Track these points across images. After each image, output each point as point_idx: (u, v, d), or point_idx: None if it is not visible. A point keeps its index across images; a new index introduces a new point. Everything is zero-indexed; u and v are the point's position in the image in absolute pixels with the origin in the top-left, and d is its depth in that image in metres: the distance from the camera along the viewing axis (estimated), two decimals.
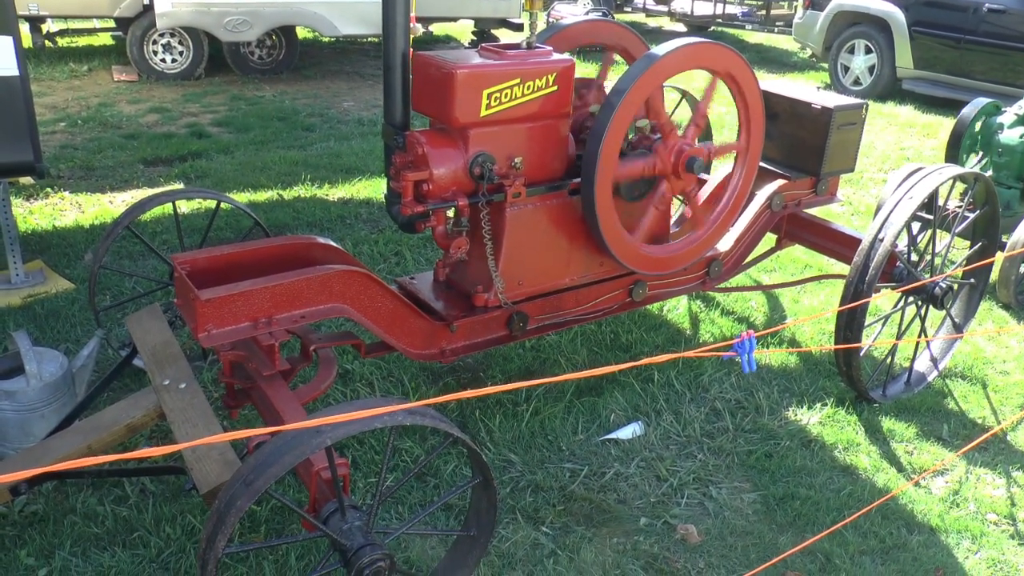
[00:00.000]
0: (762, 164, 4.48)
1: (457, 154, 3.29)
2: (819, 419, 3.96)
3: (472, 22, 12.23)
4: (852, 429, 3.93)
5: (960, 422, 4.11)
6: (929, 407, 4.21)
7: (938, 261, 4.18)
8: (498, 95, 3.25)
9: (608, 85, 3.70)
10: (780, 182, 4.40)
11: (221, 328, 2.97)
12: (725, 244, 4.27)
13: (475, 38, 12.29)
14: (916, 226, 5.61)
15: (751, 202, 4.36)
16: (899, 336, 4.18)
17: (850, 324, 3.83)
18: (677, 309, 4.87)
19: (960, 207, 4.40)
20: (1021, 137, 5.60)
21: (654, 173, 3.62)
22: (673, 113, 5.89)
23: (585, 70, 11.17)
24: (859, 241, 4.09)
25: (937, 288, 4.07)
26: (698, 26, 14.67)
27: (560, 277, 3.69)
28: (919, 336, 4.29)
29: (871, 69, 11.04)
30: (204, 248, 3.51)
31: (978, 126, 5.89)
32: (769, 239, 4.67)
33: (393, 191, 3.36)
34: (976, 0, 9.84)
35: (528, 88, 3.31)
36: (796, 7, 12.74)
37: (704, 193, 4.04)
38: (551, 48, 3.46)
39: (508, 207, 3.39)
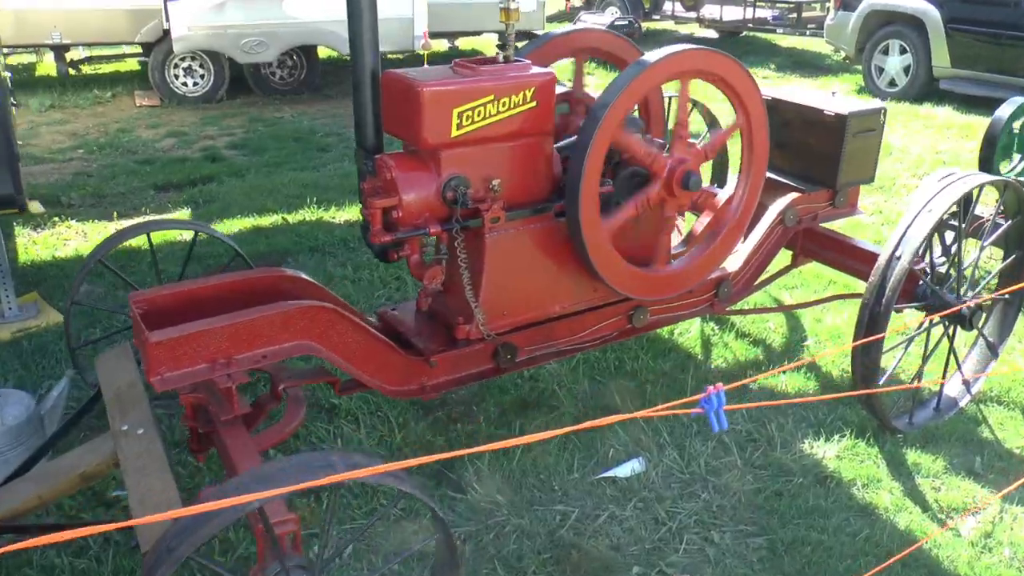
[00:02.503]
0: (774, 176, 4.22)
1: (428, 178, 3.07)
2: (837, 452, 3.66)
3: (496, 36, 12.02)
4: (873, 463, 3.63)
5: (995, 452, 3.79)
6: (960, 436, 3.89)
7: (970, 275, 3.87)
8: (470, 114, 3.02)
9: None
10: (793, 195, 4.11)
11: (176, 371, 2.77)
12: (734, 263, 4.00)
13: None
14: (950, 236, 5.30)
15: (762, 217, 4.08)
16: (925, 359, 3.87)
17: (867, 350, 3.53)
18: (688, 332, 4.59)
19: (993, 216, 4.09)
20: None
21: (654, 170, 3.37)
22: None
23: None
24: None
25: (965, 308, 3.75)
26: (729, 31, 14.33)
27: (549, 305, 3.45)
28: (948, 358, 3.97)
29: (906, 70, 10.63)
30: (164, 284, 3.32)
31: (1016, 126, 5.56)
32: (785, 256, 4.38)
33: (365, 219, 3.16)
34: None
35: (504, 105, 3.08)
36: (828, 8, 12.36)
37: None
38: (530, 62, 3.23)
39: (487, 233, 3.16)
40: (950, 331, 3.90)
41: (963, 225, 3.79)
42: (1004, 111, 5.50)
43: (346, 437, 3.69)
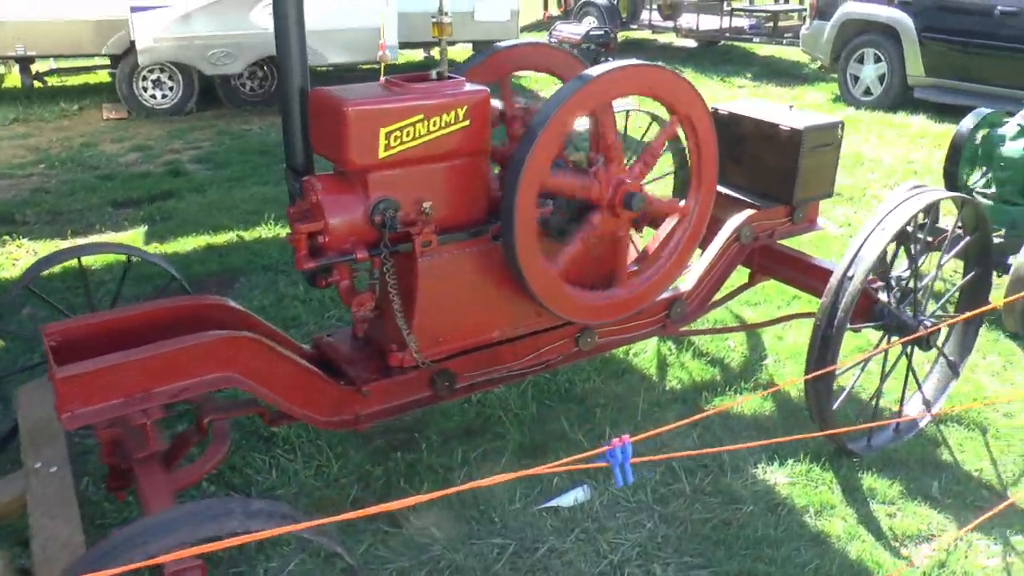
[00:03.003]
0: (730, 193, 4.11)
1: (356, 201, 2.94)
2: (790, 477, 3.55)
3: (470, 45, 11.93)
4: (827, 488, 3.51)
5: (953, 476, 3.68)
6: (919, 459, 3.78)
7: (928, 292, 3.77)
8: (398, 134, 2.90)
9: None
10: (749, 212, 4.00)
11: (88, 407, 2.64)
12: (687, 283, 3.88)
13: None
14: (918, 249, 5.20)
15: (716, 235, 3.97)
16: (882, 380, 3.76)
17: (820, 371, 3.42)
18: (644, 352, 4.47)
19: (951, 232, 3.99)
20: None
21: (592, 197, 3.24)
22: (643, 138, 5.58)
23: None
24: None
25: (922, 327, 3.64)
26: (707, 41, 14.25)
27: (488, 331, 3.32)
28: (906, 378, 3.87)
29: (881, 78, 10.56)
30: (80, 316, 3.18)
31: (979, 138, 5.47)
32: (743, 273, 4.28)
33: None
34: (988, 2, 9.36)
35: (434, 124, 2.96)
36: (804, 18, 12.31)
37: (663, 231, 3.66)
38: (463, 79, 3.11)
39: (419, 257, 3.03)
40: (908, 351, 3.79)
41: (918, 244, 3.69)
42: (967, 123, 5.41)
43: (282, 467, 3.55)
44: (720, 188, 4.15)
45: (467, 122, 3.01)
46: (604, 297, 3.37)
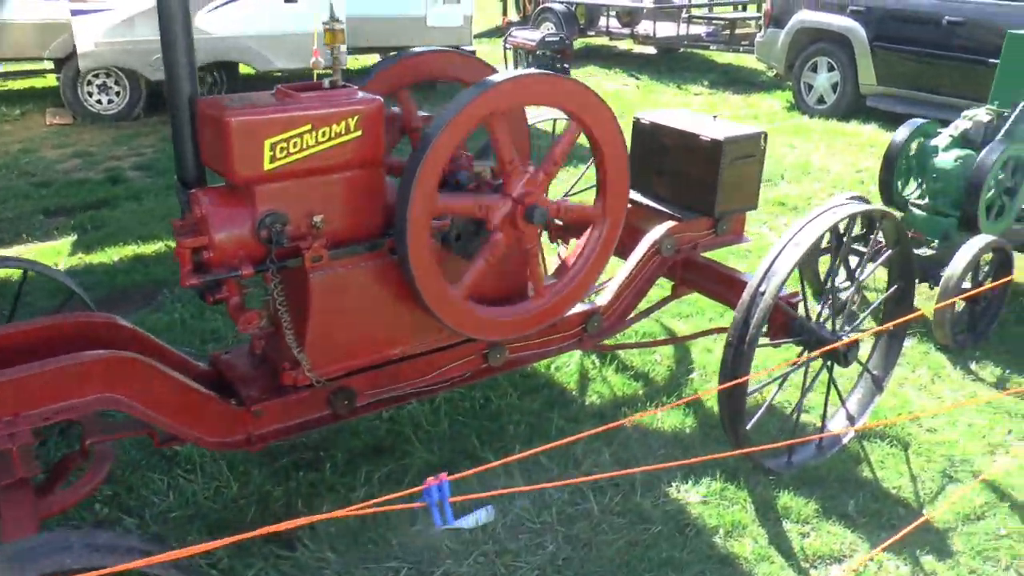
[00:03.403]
0: (652, 204, 4.04)
1: (242, 215, 2.83)
2: (703, 496, 3.47)
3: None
4: (741, 508, 3.44)
5: (871, 494, 3.61)
6: (839, 476, 3.72)
7: (847, 307, 3.71)
8: (285, 145, 2.79)
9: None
10: (670, 224, 3.92)
11: None
12: (604, 297, 3.80)
13: None
14: (855, 260, 5.16)
15: (636, 247, 3.89)
16: (802, 395, 3.69)
17: (732, 391, 3.35)
18: (567, 366, 4.38)
19: (871, 247, 3.94)
20: (957, 160, 5.12)
21: (489, 216, 3.14)
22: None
23: None
24: None
25: (840, 343, 3.58)
26: (665, 48, 14.23)
27: (388, 347, 3.22)
28: (827, 394, 3.81)
29: (835, 87, 10.56)
30: None
31: (913, 149, 5.44)
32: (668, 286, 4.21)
33: None
34: (935, 12, 9.37)
35: (323, 135, 2.85)
36: (760, 25, 12.30)
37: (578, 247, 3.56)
38: (355, 88, 3.01)
39: (311, 273, 2.93)
40: (829, 366, 3.73)
41: (836, 259, 3.63)
42: (901, 134, 5.38)
43: (180, 488, 3.43)
44: (642, 199, 4.09)
45: (359, 132, 2.90)
46: (509, 312, 3.28)
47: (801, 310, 3.69)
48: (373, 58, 12.93)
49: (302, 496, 3.39)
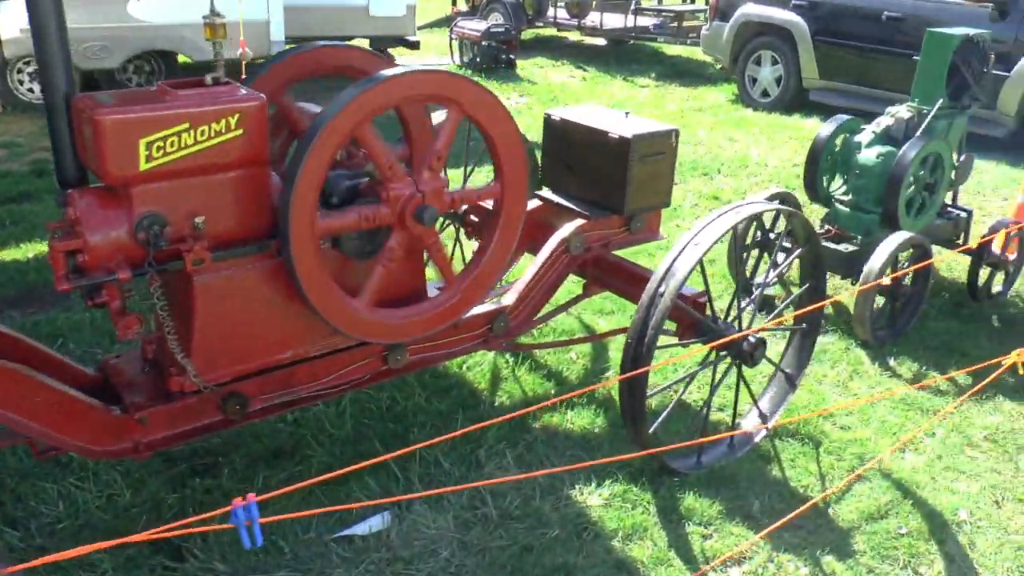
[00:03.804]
0: (563, 202, 3.99)
1: (119, 216, 2.74)
2: (606, 499, 3.44)
3: (368, 41, 11.69)
4: (643, 510, 3.41)
5: (777, 494, 3.61)
6: (747, 475, 3.70)
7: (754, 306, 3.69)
8: (161, 144, 2.70)
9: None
10: (579, 222, 3.88)
11: None
12: (511, 297, 3.75)
13: None
14: (782, 256, 5.16)
15: (544, 246, 3.84)
16: (711, 394, 3.67)
17: (632, 391, 3.32)
18: (480, 365, 4.33)
19: (778, 245, 3.93)
20: (879, 157, 5.13)
21: (378, 224, 3.08)
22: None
23: None
24: None
25: (745, 343, 3.56)
26: (614, 40, 14.19)
27: (279, 351, 3.14)
28: (736, 393, 3.79)
29: (778, 80, 10.60)
30: None
31: (838, 145, 5.44)
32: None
33: None
34: (875, 8, 9.43)
35: (202, 134, 2.76)
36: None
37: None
38: (238, 85, 2.93)
39: (195, 276, 2.85)
40: (737, 365, 3.71)
41: (739, 257, 3.61)
42: (825, 130, 5.39)
43: (71, 497, 3.33)
44: (554, 197, 4.05)
45: (240, 131, 2.81)
46: (403, 314, 3.22)
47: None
48: None
49: (196, 503, 3.31)
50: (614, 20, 13.38)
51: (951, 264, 6.03)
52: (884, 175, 5.08)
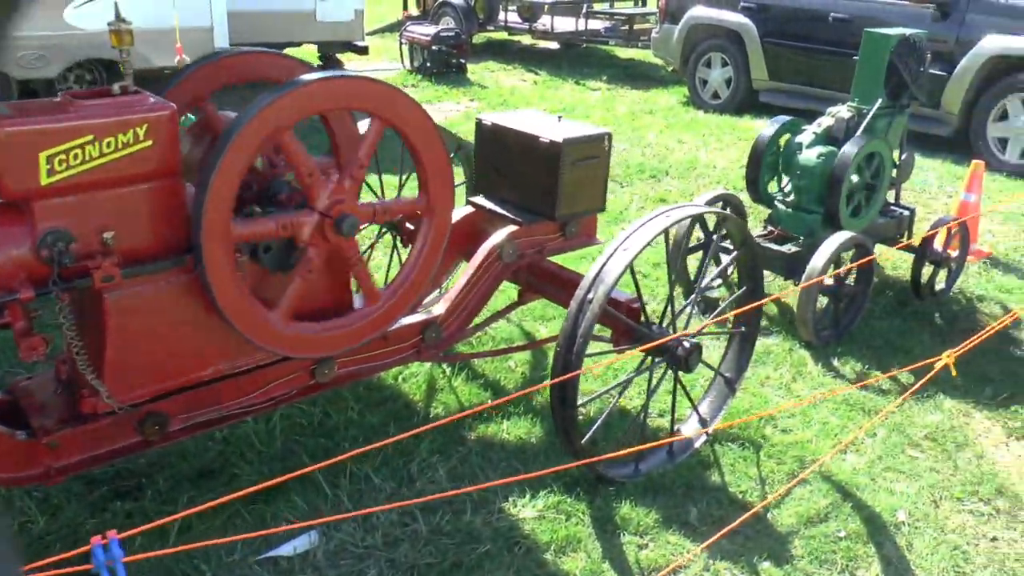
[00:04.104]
0: (496, 209, 3.93)
1: (20, 233, 2.63)
2: (540, 510, 3.37)
3: (316, 47, 11.58)
4: (577, 521, 3.35)
5: (716, 500, 3.56)
6: (685, 482, 3.66)
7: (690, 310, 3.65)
8: (64, 157, 2.60)
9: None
10: (511, 228, 3.82)
11: None
12: (442, 306, 3.68)
13: (321, 63, 11.64)
14: (726, 258, 5.12)
15: (475, 253, 3.78)
16: (647, 398, 3.62)
17: (563, 400, 3.26)
18: (416, 376, 4.25)
19: (712, 247, 3.89)
20: (819, 158, 5.12)
21: (292, 234, 2.99)
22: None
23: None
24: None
25: (680, 348, 3.52)
26: (565, 43, 14.17)
27: (199, 368, 3.05)
28: (674, 399, 3.75)
29: (728, 82, 10.62)
30: None
31: (780, 146, 5.43)
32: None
33: None
34: (822, 9, 9.48)
35: (108, 146, 2.66)
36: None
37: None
38: (148, 94, 2.83)
39: (106, 294, 2.75)
40: (674, 370, 3.67)
41: (674, 261, 3.57)
42: (767, 131, 5.37)
43: None
44: (487, 203, 3.99)
45: (149, 142, 2.72)
46: (324, 328, 3.14)
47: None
48: None
49: (117, 527, 3.19)
50: (565, 24, 13.37)
51: (896, 263, 6.04)
52: (825, 175, 5.07)
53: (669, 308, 3.57)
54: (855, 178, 5.04)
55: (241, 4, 10.00)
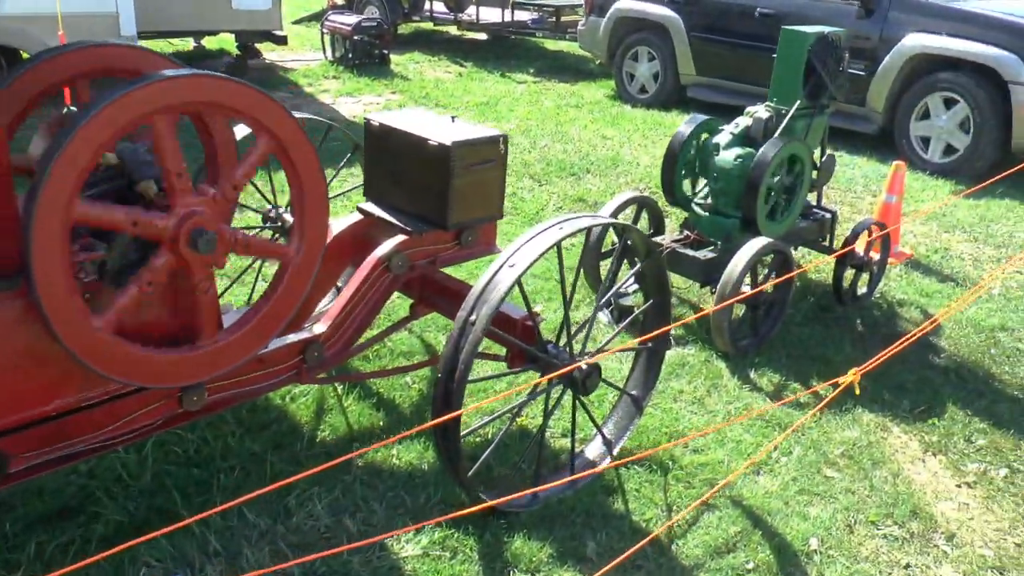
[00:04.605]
0: (385, 216, 3.65)
1: None
2: (424, 547, 3.10)
3: (233, 36, 11.13)
4: (464, 558, 3.09)
5: (617, 530, 3.33)
6: (586, 510, 3.42)
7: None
8: None
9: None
10: (400, 238, 3.54)
11: None
12: (324, 324, 3.38)
13: (240, 53, 11.20)
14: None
15: (361, 266, 3.49)
16: (543, 426, 3.37)
17: (446, 432, 2.99)
18: (305, 396, 3.95)
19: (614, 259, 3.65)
20: (737, 159, 4.92)
21: (146, 236, 2.67)
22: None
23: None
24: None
25: (577, 371, 3.26)
26: (493, 34, 13.85)
27: (42, 402, 2.70)
28: (573, 423, 3.50)
29: (656, 76, 10.44)
30: None
31: (696, 146, 5.23)
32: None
33: None
34: (749, 4, 9.33)
35: None
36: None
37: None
38: None
39: None
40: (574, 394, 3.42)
41: (564, 277, 3.32)
42: (683, 130, 5.15)
43: None
44: (376, 210, 3.70)
45: None
46: (175, 355, 2.81)
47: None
48: (184, 44, 12.16)
49: None
50: (492, 14, 13.06)
51: (820, 267, 5.89)
52: (743, 178, 4.87)
53: (566, 327, 3.31)
54: (774, 181, 4.86)
55: None
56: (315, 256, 3.01)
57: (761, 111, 5.09)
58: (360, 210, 3.78)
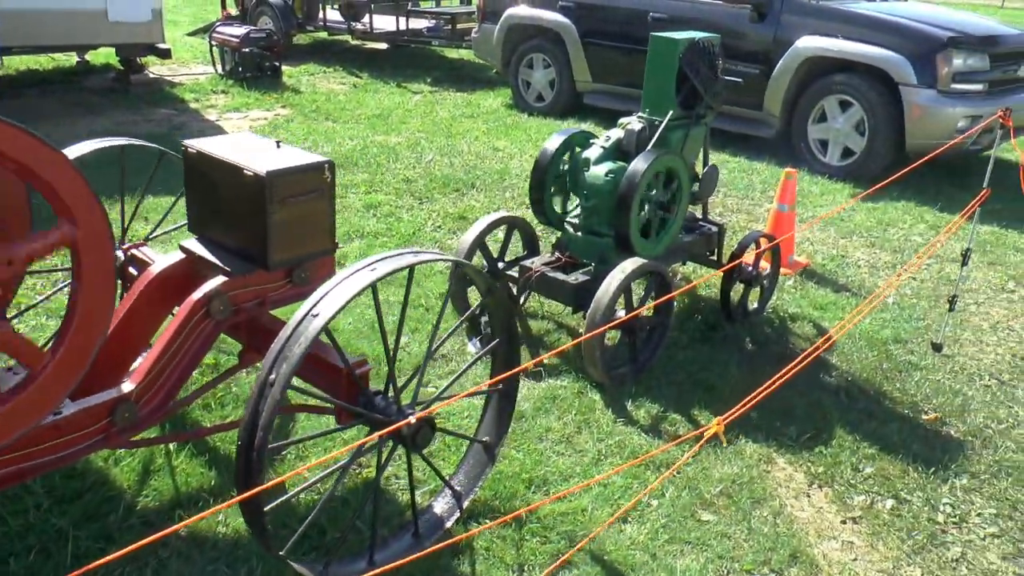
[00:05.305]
0: (205, 254, 3.25)
1: None
2: None
3: (113, 50, 10.57)
4: None
5: None
6: (438, 573, 3.06)
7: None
8: None
9: None
10: (220, 279, 3.15)
11: None
12: (134, 380, 2.97)
13: (122, 67, 10.63)
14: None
15: (178, 311, 3.09)
16: (376, 480, 3.00)
17: (249, 507, 2.60)
18: (132, 456, 3.51)
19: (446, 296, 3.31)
20: (608, 175, 4.62)
21: None
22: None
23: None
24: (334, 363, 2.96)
25: (406, 427, 2.90)
26: (392, 43, 13.47)
27: None
28: (410, 478, 3.15)
29: (552, 84, 10.17)
30: None
31: (566, 162, 4.92)
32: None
33: None
34: (640, 9, 9.12)
35: None
36: None
37: None
38: None
39: None
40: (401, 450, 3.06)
41: (381, 320, 2.97)
42: (552, 144, 4.83)
43: None
44: (198, 248, 3.31)
45: None
46: None
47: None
48: (66, 60, 11.54)
49: None
50: (387, 23, 12.67)
51: (711, 282, 5.63)
52: (614, 194, 4.57)
53: (390, 377, 2.95)
54: (650, 195, 4.57)
55: (14, 2, 8.96)
56: (105, 300, 2.59)
57: (634, 122, 4.80)
58: (182, 248, 3.37)
